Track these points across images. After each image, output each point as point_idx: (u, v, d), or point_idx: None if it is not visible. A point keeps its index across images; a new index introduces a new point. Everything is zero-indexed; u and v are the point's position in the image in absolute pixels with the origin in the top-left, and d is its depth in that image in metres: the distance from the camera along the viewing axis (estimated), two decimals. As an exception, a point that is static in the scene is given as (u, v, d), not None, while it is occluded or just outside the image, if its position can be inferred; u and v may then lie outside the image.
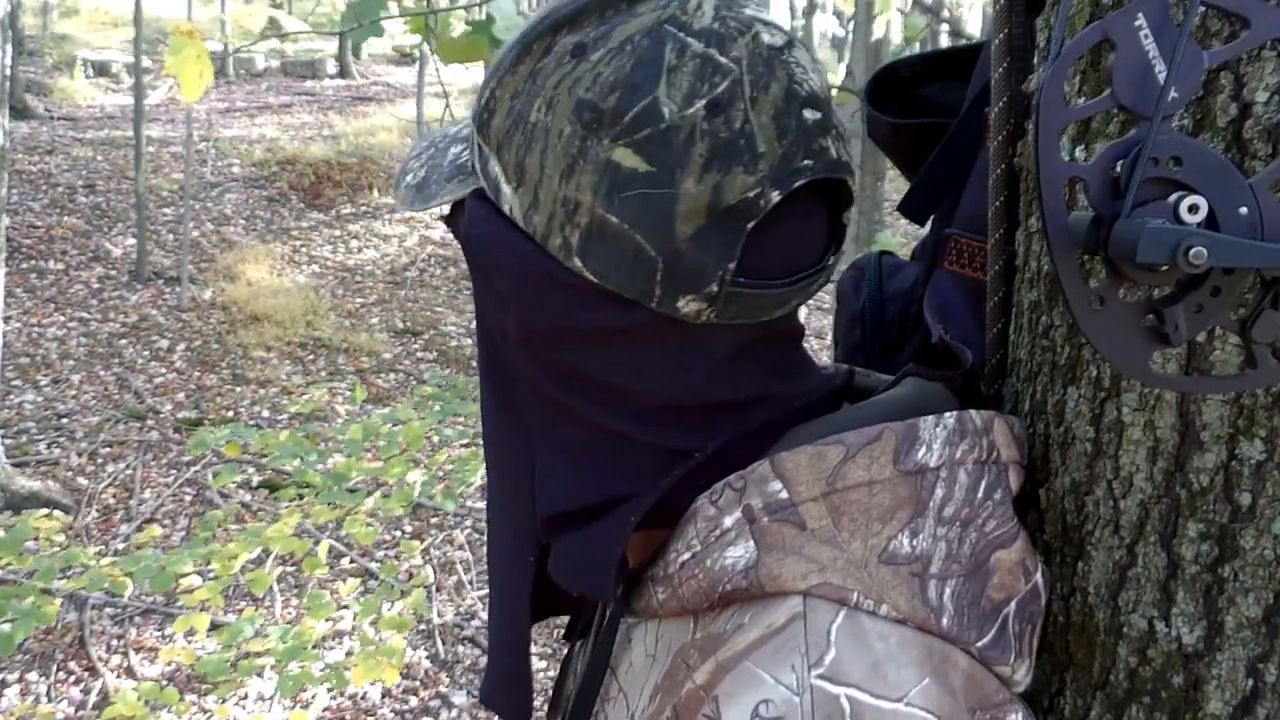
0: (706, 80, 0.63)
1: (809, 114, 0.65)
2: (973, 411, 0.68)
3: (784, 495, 0.65)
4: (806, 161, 0.65)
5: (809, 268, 0.69)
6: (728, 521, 0.66)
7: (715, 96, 0.63)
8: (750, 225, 0.64)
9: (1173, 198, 0.49)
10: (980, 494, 0.66)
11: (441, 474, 3.59)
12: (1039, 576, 0.69)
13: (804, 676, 0.60)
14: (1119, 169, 0.49)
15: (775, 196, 0.64)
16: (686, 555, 0.67)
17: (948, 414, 0.67)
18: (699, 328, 0.67)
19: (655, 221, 0.63)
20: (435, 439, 4.02)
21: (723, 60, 0.64)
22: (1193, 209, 0.49)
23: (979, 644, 0.64)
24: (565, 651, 0.86)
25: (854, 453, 0.65)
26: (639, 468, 0.70)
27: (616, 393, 0.69)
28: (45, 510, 4.74)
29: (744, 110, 0.63)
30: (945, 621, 0.64)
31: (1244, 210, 0.50)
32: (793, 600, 0.63)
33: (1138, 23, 0.49)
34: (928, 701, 0.60)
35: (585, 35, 0.66)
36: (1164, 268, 0.49)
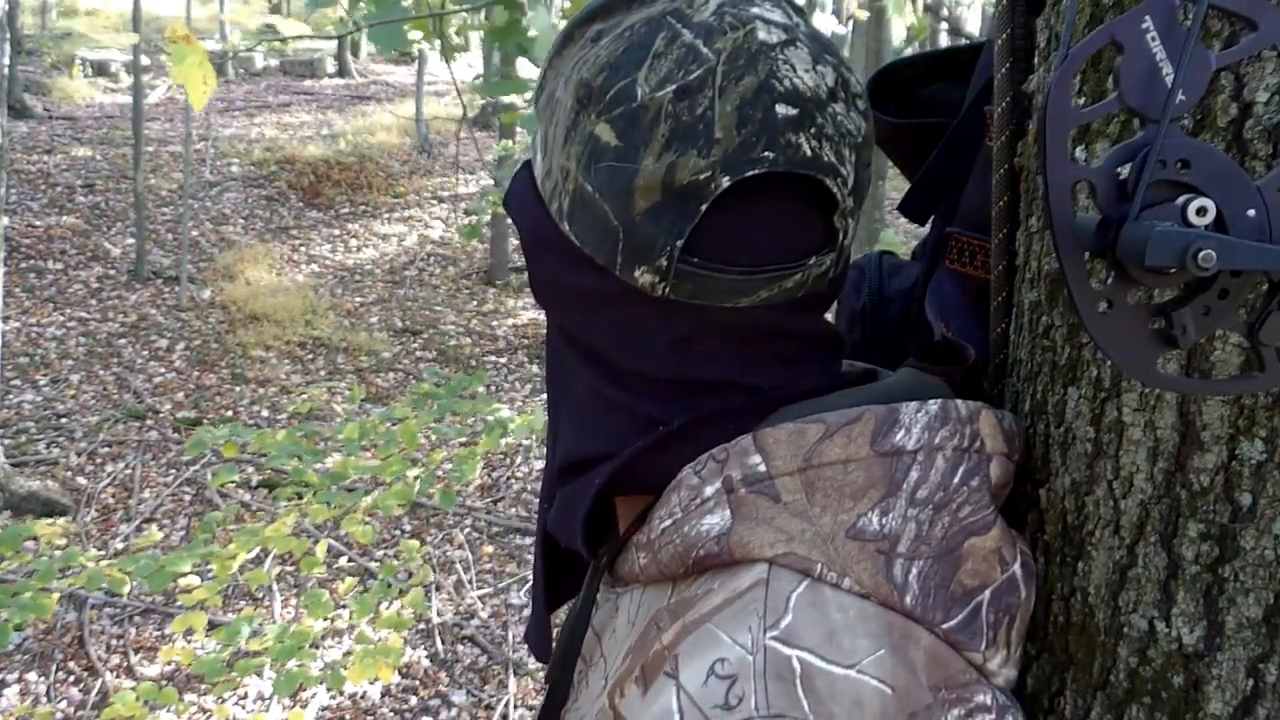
0: (684, 67, 0.67)
1: (782, 109, 0.66)
2: (959, 400, 0.69)
3: (762, 468, 0.67)
4: (767, 153, 0.66)
5: (778, 261, 0.69)
6: (708, 491, 0.68)
7: (686, 82, 0.66)
8: (704, 207, 0.66)
9: (1180, 200, 0.49)
10: (956, 480, 0.67)
11: (440, 474, 3.59)
12: (1017, 568, 0.69)
13: (759, 637, 0.62)
14: (1126, 172, 0.50)
15: (725, 181, 0.66)
16: (668, 522, 0.70)
17: (932, 401, 0.69)
18: (661, 302, 0.70)
19: (618, 193, 0.68)
20: (434, 437, 4.02)
21: (704, 51, 0.67)
22: (1201, 211, 0.49)
23: (945, 625, 0.65)
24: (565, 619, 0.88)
25: (833, 431, 0.67)
26: (622, 430, 0.73)
27: (599, 356, 0.74)
28: (48, 519, 4.75)
29: (710, 98, 0.66)
30: (909, 600, 0.65)
31: (1252, 213, 0.50)
32: (759, 567, 0.65)
33: (1145, 25, 0.49)
34: (881, 672, 0.61)
35: (607, 24, 0.72)
36: (1172, 271, 0.48)
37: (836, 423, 0.67)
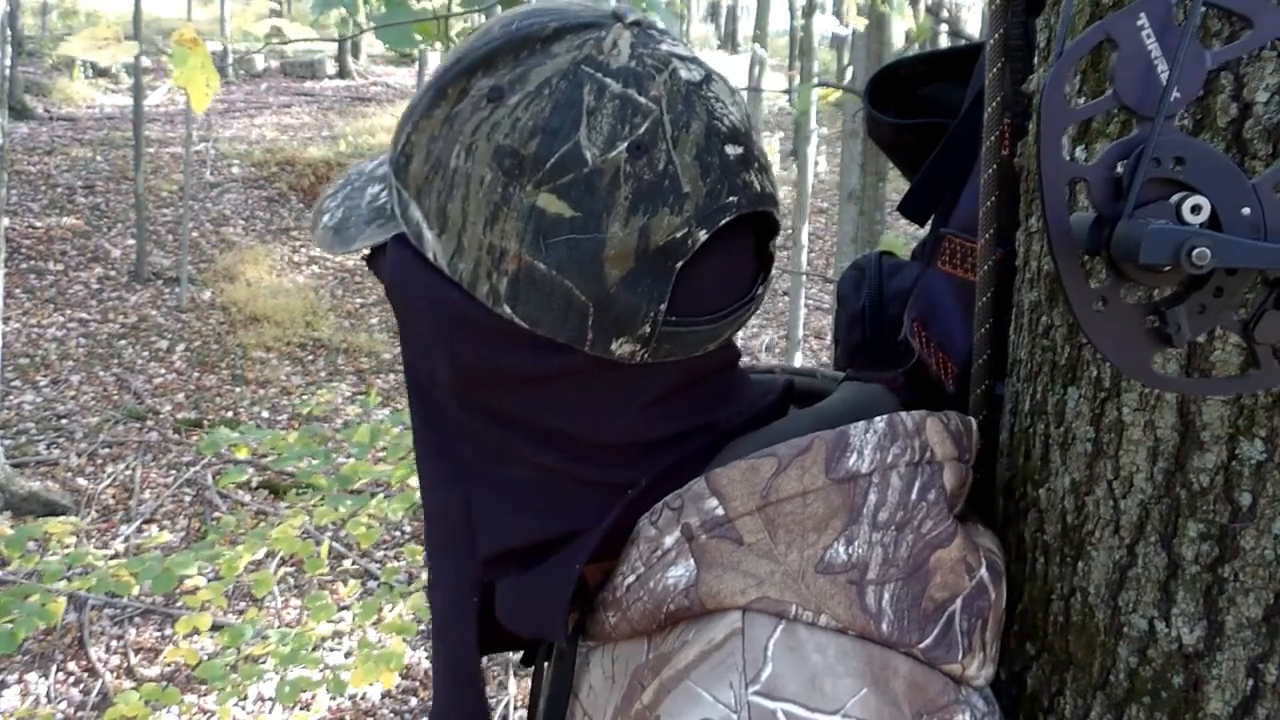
0: (627, 121, 0.63)
1: (731, 150, 0.65)
2: (903, 414, 0.68)
3: (720, 511, 0.65)
4: (731, 198, 0.65)
5: (739, 299, 0.69)
6: (668, 541, 0.66)
7: (637, 138, 0.63)
8: (679, 265, 0.64)
9: (1175, 198, 0.49)
10: (914, 496, 0.66)
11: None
12: (984, 572, 0.69)
13: (741, 694, 0.60)
14: (1121, 169, 0.49)
15: (703, 235, 0.64)
16: (631, 578, 0.68)
17: (878, 419, 0.67)
18: (633, 368, 0.67)
19: (584, 266, 0.63)
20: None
21: (642, 100, 0.64)
22: (1195, 209, 0.49)
23: (921, 645, 0.64)
24: (532, 675, 0.86)
25: (786, 464, 0.65)
26: (579, 504, 0.70)
27: (553, 433, 0.69)
28: (56, 516, 4.76)
29: (666, 151, 0.63)
30: (885, 626, 0.64)
31: (1247, 211, 0.50)
32: (732, 616, 0.64)
33: (1140, 22, 0.49)
34: (866, 712, 0.60)
35: (500, 78, 0.65)
36: (1167, 268, 0.48)
37: (788, 454, 0.65)
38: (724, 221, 0.65)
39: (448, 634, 0.76)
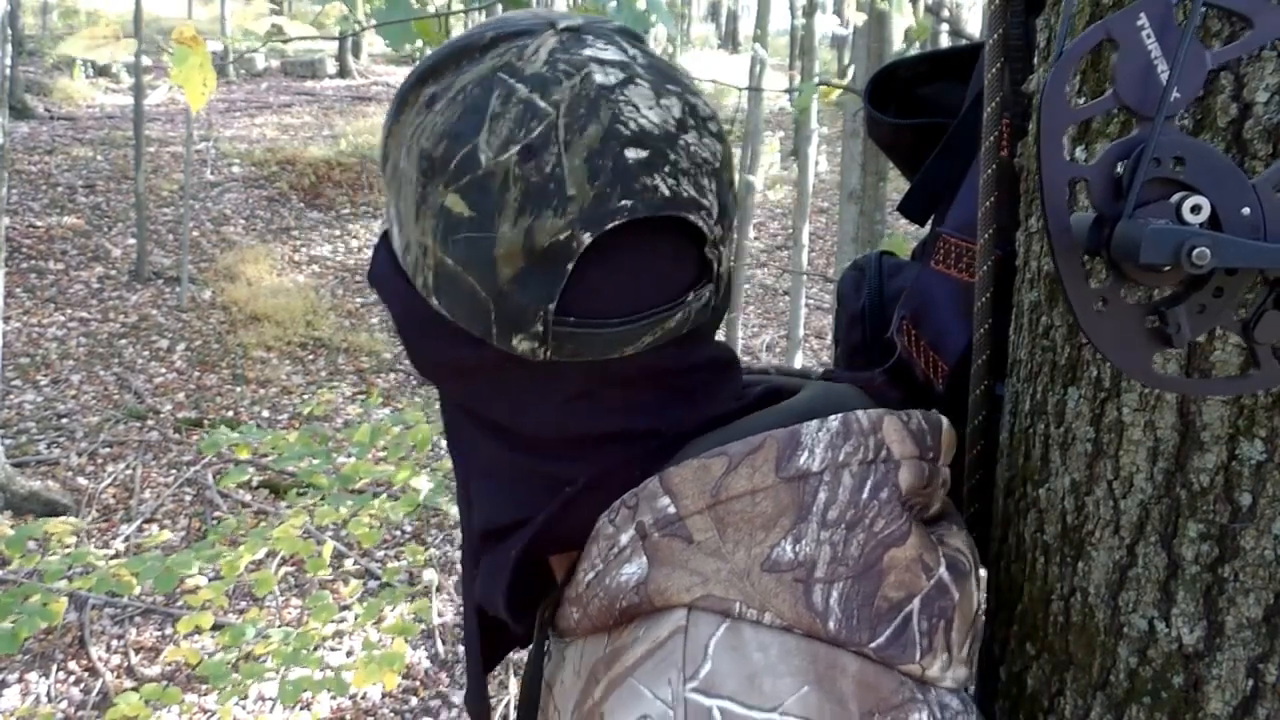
0: (524, 125, 0.64)
1: (632, 153, 0.65)
2: (859, 412, 0.68)
3: (671, 510, 0.66)
4: (624, 202, 0.64)
5: (656, 305, 0.68)
6: (624, 539, 0.67)
7: (529, 141, 0.64)
8: (570, 266, 0.65)
9: (1175, 198, 0.49)
10: (865, 494, 0.66)
11: (449, 480, 3.59)
12: (943, 571, 0.68)
13: (679, 690, 0.61)
14: (1121, 169, 0.49)
15: (586, 238, 0.64)
16: (591, 575, 0.69)
17: (833, 417, 0.67)
18: (541, 365, 0.68)
19: (480, 264, 0.66)
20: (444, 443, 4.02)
21: (541, 105, 0.65)
22: (1195, 209, 0.49)
23: (873, 644, 0.64)
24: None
25: (736, 463, 0.66)
26: (532, 494, 0.72)
27: (496, 425, 0.73)
28: (56, 516, 4.77)
29: (556, 154, 0.64)
30: (832, 625, 0.64)
31: (1247, 211, 0.50)
32: (677, 614, 0.65)
33: (1140, 22, 0.49)
34: (806, 709, 0.60)
35: (439, 85, 0.69)
36: (1167, 269, 0.48)
37: (740, 453, 0.66)
38: (611, 225, 0.64)
39: (466, 614, 0.81)
